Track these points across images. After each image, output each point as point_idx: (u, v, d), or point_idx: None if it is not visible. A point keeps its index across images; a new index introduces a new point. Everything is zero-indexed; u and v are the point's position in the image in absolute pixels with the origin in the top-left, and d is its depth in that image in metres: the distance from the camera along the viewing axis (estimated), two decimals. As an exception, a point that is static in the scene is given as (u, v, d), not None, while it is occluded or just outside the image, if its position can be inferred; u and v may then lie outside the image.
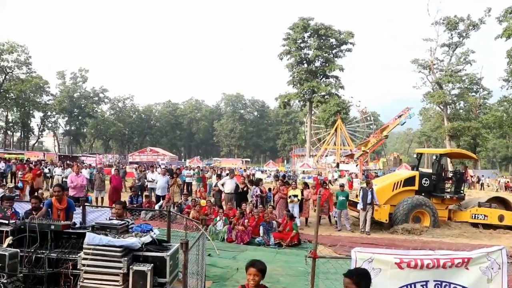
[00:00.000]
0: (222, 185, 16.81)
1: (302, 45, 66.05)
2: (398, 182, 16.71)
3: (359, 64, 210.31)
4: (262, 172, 49.13)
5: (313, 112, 71.72)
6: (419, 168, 18.93)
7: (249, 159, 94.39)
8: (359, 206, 15.68)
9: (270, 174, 44.27)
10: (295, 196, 15.77)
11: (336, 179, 41.78)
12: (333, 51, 65.96)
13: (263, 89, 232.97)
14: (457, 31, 60.91)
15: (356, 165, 47.01)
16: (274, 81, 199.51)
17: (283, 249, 12.03)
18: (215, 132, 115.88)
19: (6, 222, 6.92)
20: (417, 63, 63.01)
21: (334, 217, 16.73)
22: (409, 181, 16.74)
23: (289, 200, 15.69)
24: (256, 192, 16.81)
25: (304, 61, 66.28)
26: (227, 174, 18.79)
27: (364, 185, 17.76)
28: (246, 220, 13.19)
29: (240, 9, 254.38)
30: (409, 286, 4.68)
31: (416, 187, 16.64)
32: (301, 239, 13.04)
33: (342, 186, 17.97)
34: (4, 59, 74.06)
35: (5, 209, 7.33)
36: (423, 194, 16.54)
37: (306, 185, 17.82)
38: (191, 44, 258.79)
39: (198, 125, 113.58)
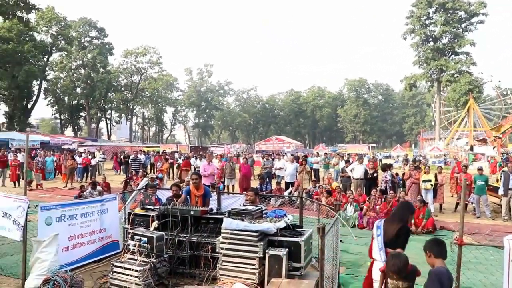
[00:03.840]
0: (351, 170, 16.57)
1: (427, 22, 62.43)
2: (548, 165, 14.99)
3: (494, 36, 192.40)
4: (388, 157, 47.53)
5: (442, 93, 67.57)
6: None
7: (375, 145, 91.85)
8: (500, 192, 14.42)
9: (398, 159, 42.66)
10: (428, 181, 14.93)
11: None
12: (463, 25, 61.24)
13: (386, 72, 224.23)
14: None
15: (494, 147, 43.38)
16: (398, 62, 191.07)
17: (417, 236, 11.50)
18: (339, 118, 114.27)
19: (152, 208, 7.49)
20: None
21: (472, 203, 15.54)
22: (562, 163, 14.95)
23: (422, 186, 14.91)
24: (386, 177, 16.27)
25: (430, 39, 62.60)
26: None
27: (506, 168, 16.21)
28: (377, 206, 12.85)
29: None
30: None
31: None
32: (436, 226, 12.37)
33: (480, 169, 16.48)
34: (139, 61, 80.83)
35: (150, 196, 7.91)
36: None
37: (440, 170, 16.82)
38: (312, 31, 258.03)
39: (321, 112, 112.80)
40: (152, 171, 27.24)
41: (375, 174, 16.05)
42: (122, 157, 29.58)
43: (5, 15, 36.90)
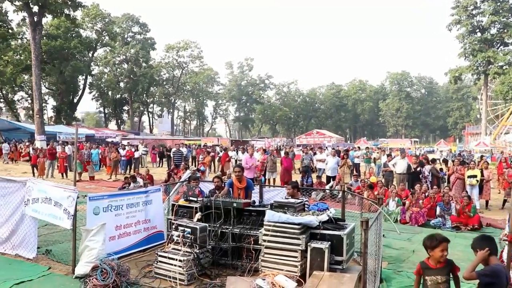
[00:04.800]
0: (393, 165, 16.31)
1: (474, 12, 60.21)
2: None
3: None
4: (431, 152, 46.41)
5: (489, 86, 65.27)
6: None
7: (417, 139, 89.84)
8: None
9: (441, 154, 41.57)
10: (474, 176, 14.52)
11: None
12: (513, 14, 58.74)
13: (430, 64, 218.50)
14: None
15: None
16: (442, 55, 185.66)
17: (463, 233, 11.22)
18: (380, 112, 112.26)
19: (195, 199, 7.60)
20: None
21: (520, 199, 15.03)
22: None
23: (467, 182, 14.50)
24: (425, 173, 15.94)
25: (477, 30, 60.37)
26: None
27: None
28: (420, 201, 12.61)
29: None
30: None
31: None
32: (482, 223, 12.01)
33: (529, 165, 16.00)
34: (181, 55, 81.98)
35: (193, 187, 8.03)
36: None
37: (487, 165, 16.32)
38: (352, 24, 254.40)
39: (362, 105, 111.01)
40: (194, 164, 27.60)
41: (418, 169, 15.74)
42: (164, 150, 30.14)
43: (54, 13, 38.12)
